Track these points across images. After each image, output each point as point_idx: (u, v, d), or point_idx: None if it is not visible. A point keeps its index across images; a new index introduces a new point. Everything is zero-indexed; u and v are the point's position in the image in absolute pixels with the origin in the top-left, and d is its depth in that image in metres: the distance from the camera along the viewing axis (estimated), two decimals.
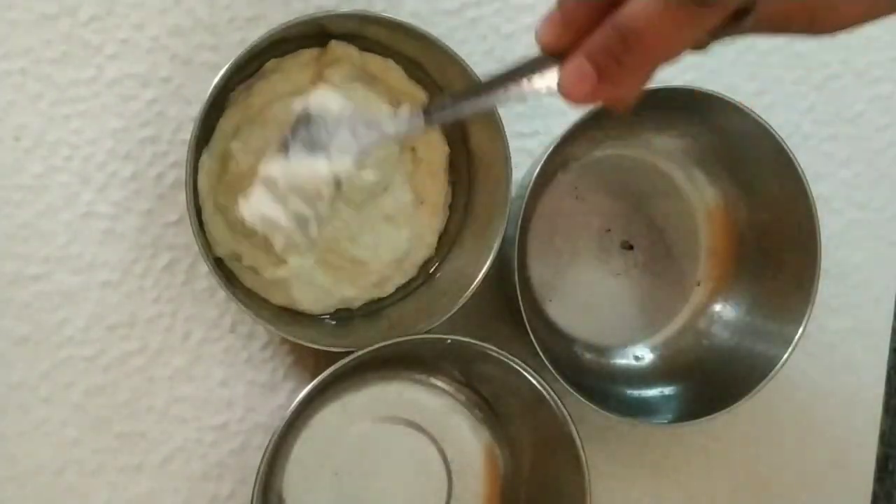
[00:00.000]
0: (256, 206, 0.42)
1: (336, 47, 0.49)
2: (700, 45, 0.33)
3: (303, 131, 0.41)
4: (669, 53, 0.30)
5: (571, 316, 0.56)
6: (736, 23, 0.32)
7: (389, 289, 0.52)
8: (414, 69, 0.51)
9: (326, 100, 0.42)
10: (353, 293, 0.51)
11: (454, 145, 0.52)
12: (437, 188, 0.52)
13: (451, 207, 0.53)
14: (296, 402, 0.46)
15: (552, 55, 0.33)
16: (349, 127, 0.41)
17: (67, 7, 0.50)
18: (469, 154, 0.52)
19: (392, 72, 0.51)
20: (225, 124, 0.48)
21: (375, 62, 0.51)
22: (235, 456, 0.52)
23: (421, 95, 0.51)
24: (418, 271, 0.53)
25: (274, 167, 0.41)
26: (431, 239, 0.53)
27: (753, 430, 0.59)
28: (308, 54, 0.49)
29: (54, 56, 0.50)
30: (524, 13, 0.55)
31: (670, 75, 0.57)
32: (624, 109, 0.33)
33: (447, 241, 0.53)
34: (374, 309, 0.52)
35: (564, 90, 0.32)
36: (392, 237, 0.51)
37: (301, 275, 0.49)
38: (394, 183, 0.51)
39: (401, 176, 0.51)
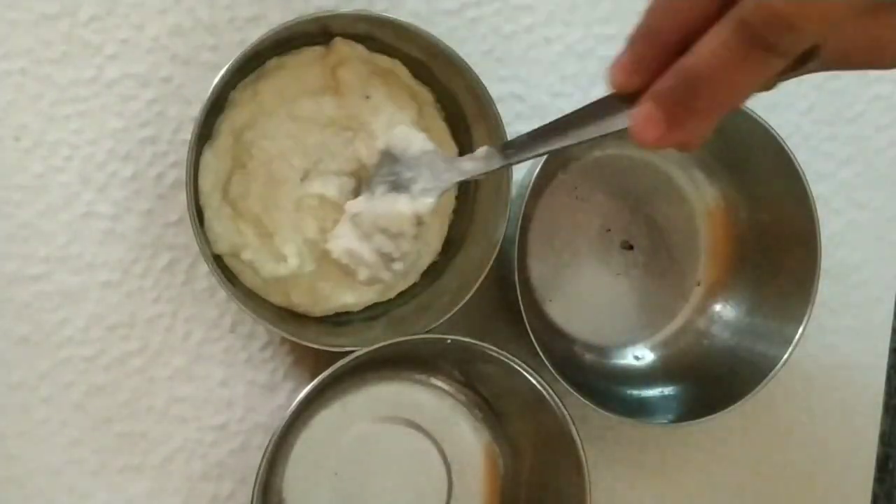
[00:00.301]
0: (343, 242, 0.44)
1: (342, 45, 0.49)
2: (767, 86, 0.32)
3: (386, 169, 0.44)
4: (738, 98, 0.30)
5: (571, 316, 0.56)
6: (802, 64, 0.31)
7: (391, 295, 0.52)
8: (418, 68, 0.51)
9: (408, 139, 0.43)
10: (354, 299, 0.51)
11: (459, 147, 0.52)
12: (448, 192, 0.52)
13: (455, 211, 0.53)
14: (296, 402, 0.46)
15: (624, 96, 0.33)
16: (429, 166, 0.42)
17: (67, 7, 0.50)
18: None
19: (399, 71, 0.51)
20: (233, 121, 0.48)
21: (383, 62, 0.51)
22: (235, 456, 0.52)
23: (427, 95, 0.51)
24: (420, 275, 0.53)
25: (359, 205, 0.44)
26: (437, 245, 0.52)
27: (753, 430, 0.59)
28: (311, 52, 0.50)
29: (54, 56, 0.50)
30: (524, 13, 0.55)
31: None
32: (693, 149, 0.33)
33: (449, 244, 0.53)
34: (374, 311, 0.52)
35: (635, 135, 0.32)
36: None
37: (301, 281, 0.49)
38: None
39: None
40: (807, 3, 0.26)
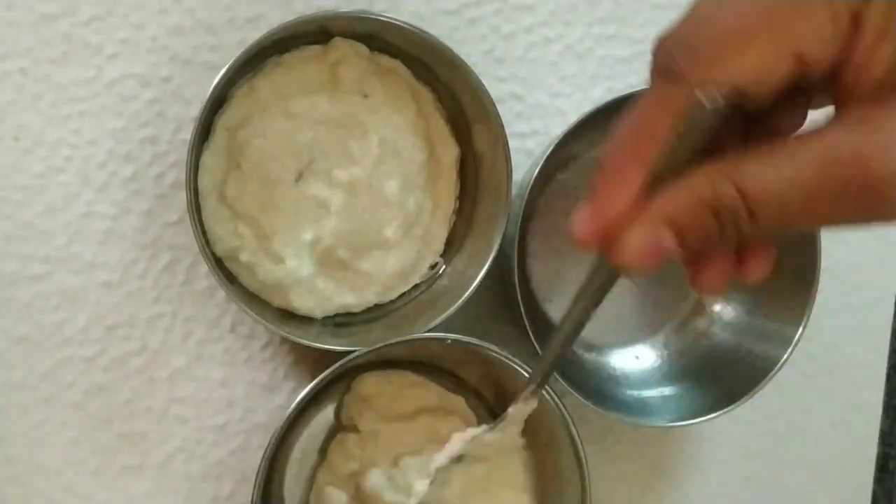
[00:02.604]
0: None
1: (342, 43, 0.49)
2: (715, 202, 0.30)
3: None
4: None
5: None
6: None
7: (392, 296, 0.52)
8: (418, 68, 0.51)
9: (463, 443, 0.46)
10: (354, 300, 0.51)
11: (460, 146, 0.52)
12: (449, 193, 0.52)
13: (455, 211, 0.53)
14: (296, 402, 0.45)
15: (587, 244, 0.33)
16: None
17: (67, 7, 0.50)
18: (473, 155, 0.52)
19: (400, 70, 0.51)
20: (228, 119, 0.49)
21: (384, 61, 0.51)
22: (235, 456, 0.52)
23: (428, 95, 0.51)
24: (420, 276, 0.53)
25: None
26: (439, 246, 0.52)
27: (753, 430, 0.59)
28: (310, 50, 0.50)
29: (54, 56, 0.50)
30: (524, 13, 0.55)
31: None
32: (623, 262, 0.32)
33: (449, 244, 0.53)
34: (374, 311, 0.52)
35: (572, 238, 0.32)
36: (402, 249, 0.51)
37: (301, 281, 0.49)
38: (416, 192, 0.51)
39: (423, 182, 0.51)
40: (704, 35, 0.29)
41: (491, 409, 0.54)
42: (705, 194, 0.29)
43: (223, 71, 0.45)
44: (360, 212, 0.50)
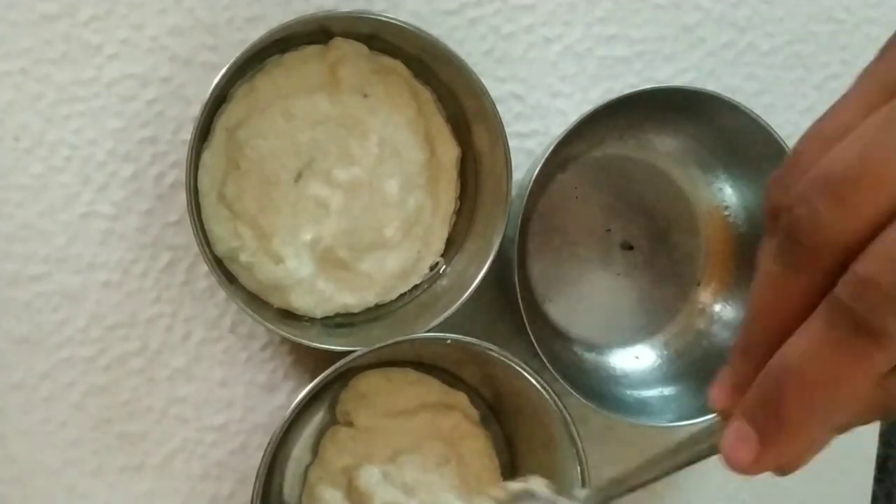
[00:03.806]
0: None
1: (342, 43, 0.49)
2: (888, 408, 0.26)
3: None
4: (837, 403, 0.24)
5: (571, 316, 0.56)
6: None
7: (392, 296, 0.52)
8: (419, 68, 0.51)
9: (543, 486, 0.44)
10: (354, 301, 0.51)
11: (460, 146, 0.52)
12: (449, 193, 0.52)
13: (455, 211, 0.53)
14: (296, 402, 0.45)
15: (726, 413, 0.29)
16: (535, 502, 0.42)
17: (67, 7, 0.50)
18: (473, 155, 0.52)
19: (400, 70, 0.51)
20: (226, 119, 0.49)
21: (384, 61, 0.51)
22: (235, 456, 0.52)
23: (428, 95, 0.51)
24: (420, 276, 0.53)
25: None
26: (439, 246, 0.52)
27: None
28: (310, 50, 0.50)
29: (54, 56, 0.50)
30: (524, 13, 0.55)
31: (670, 75, 0.57)
32: (792, 471, 0.29)
33: (449, 244, 0.53)
34: (374, 311, 0.52)
35: (726, 459, 0.27)
36: (403, 249, 0.51)
37: (301, 282, 0.49)
38: (416, 192, 0.51)
39: (423, 182, 0.51)
40: None
41: (490, 408, 0.54)
42: (879, 404, 0.26)
43: (223, 71, 0.45)
44: (360, 212, 0.50)
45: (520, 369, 0.48)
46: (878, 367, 0.23)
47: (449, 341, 0.47)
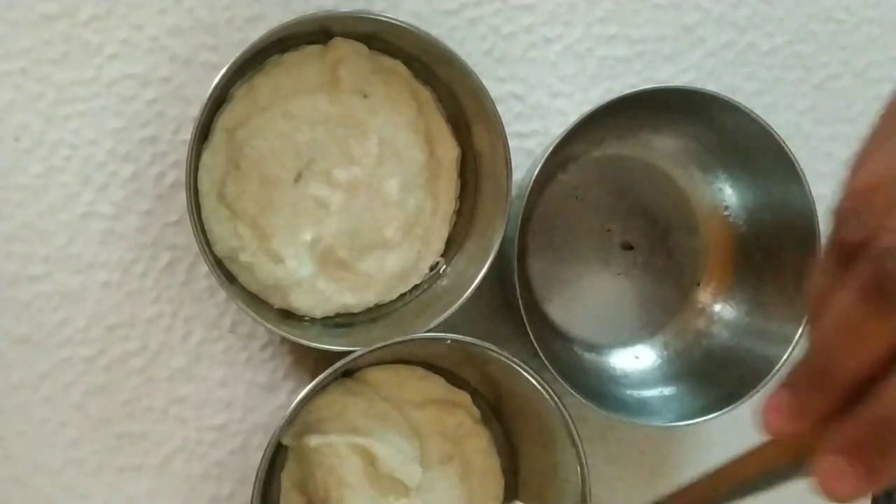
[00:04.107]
0: None
1: (342, 43, 0.49)
2: None
3: None
4: None
5: (571, 316, 0.56)
6: None
7: (392, 296, 0.52)
8: (419, 68, 0.51)
9: None
10: (355, 300, 0.51)
11: (460, 146, 0.52)
12: (449, 193, 0.52)
13: (455, 211, 0.53)
14: (296, 402, 0.45)
15: (780, 439, 0.30)
16: None
17: (67, 7, 0.50)
18: (473, 155, 0.52)
19: (400, 70, 0.51)
20: (226, 119, 0.49)
21: (384, 61, 0.51)
22: (235, 456, 0.52)
23: (428, 95, 0.51)
24: (420, 276, 0.53)
25: None
26: (439, 246, 0.52)
27: (753, 430, 0.59)
28: (310, 50, 0.50)
29: (54, 56, 0.50)
30: (524, 13, 0.55)
31: (670, 75, 0.57)
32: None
33: (449, 244, 0.53)
34: (374, 312, 0.52)
35: (825, 490, 0.28)
36: (403, 249, 0.51)
37: (301, 282, 0.49)
38: (416, 192, 0.51)
39: (423, 182, 0.51)
40: None
41: (490, 408, 0.54)
42: None
43: (223, 71, 0.45)
44: (360, 212, 0.50)
45: (520, 369, 0.48)
46: None
47: (449, 341, 0.47)
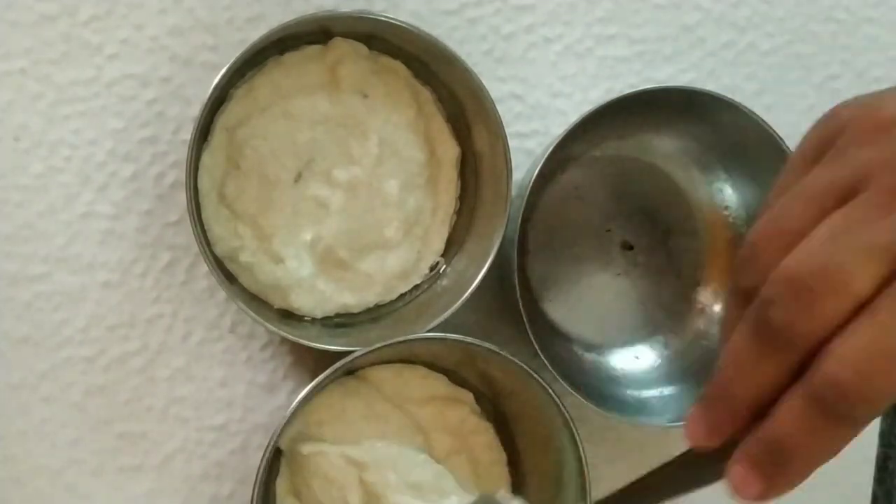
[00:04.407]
0: None
1: (342, 43, 0.49)
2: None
3: None
4: (826, 457, 0.29)
5: (571, 316, 0.56)
6: None
7: (392, 296, 0.52)
8: (419, 68, 0.51)
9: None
10: (355, 301, 0.51)
11: (460, 146, 0.52)
12: (449, 193, 0.52)
13: (455, 211, 0.53)
14: (296, 402, 0.45)
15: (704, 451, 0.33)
16: None
17: (67, 7, 0.50)
18: (473, 155, 0.52)
19: (400, 70, 0.51)
20: (226, 119, 0.49)
21: (384, 61, 0.51)
22: (235, 456, 0.52)
23: (428, 95, 0.51)
24: (421, 276, 0.53)
25: None
26: (439, 246, 0.52)
27: None
28: (310, 50, 0.50)
29: (54, 56, 0.50)
30: (524, 13, 0.55)
31: (670, 75, 0.57)
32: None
33: (449, 244, 0.53)
34: (374, 311, 0.52)
35: (736, 494, 0.31)
36: (403, 249, 0.51)
37: (302, 281, 0.49)
38: (416, 192, 0.51)
39: (423, 182, 0.51)
40: (874, 375, 0.26)
41: (490, 408, 0.54)
42: None
43: (223, 71, 0.45)
44: (360, 212, 0.50)
45: (520, 369, 0.48)
46: (850, 437, 0.28)
47: (449, 341, 0.47)
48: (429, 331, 0.48)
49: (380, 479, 0.48)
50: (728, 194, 0.56)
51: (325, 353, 0.47)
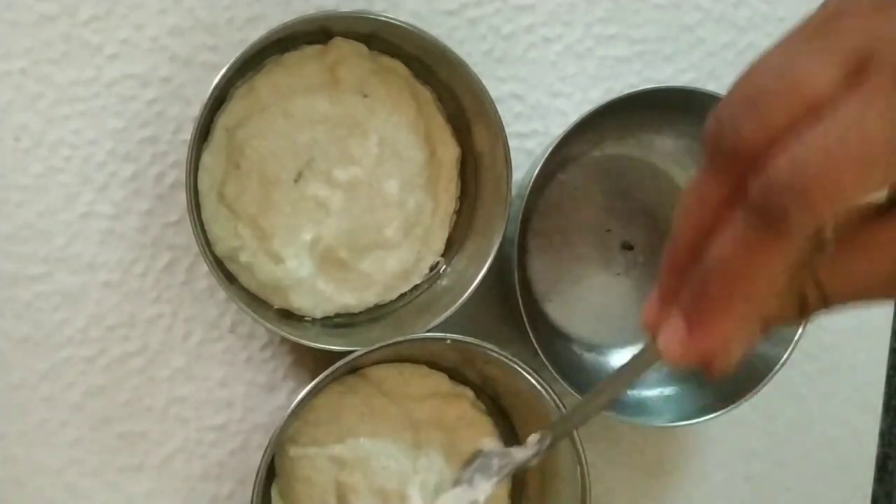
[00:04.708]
0: None
1: (342, 43, 0.49)
2: (803, 304, 0.29)
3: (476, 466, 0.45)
4: (753, 291, 0.27)
5: (571, 316, 0.56)
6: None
7: (392, 296, 0.52)
8: (419, 68, 0.51)
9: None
10: (354, 301, 0.51)
11: (460, 146, 0.52)
12: (449, 193, 0.52)
13: (456, 211, 0.53)
14: (296, 402, 0.45)
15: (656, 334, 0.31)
16: (488, 457, 0.44)
17: (67, 7, 0.50)
18: (473, 155, 0.52)
19: (400, 70, 0.51)
20: (226, 119, 0.49)
21: (383, 61, 0.51)
22: (235, 456, 0.52)
23: (428, 95, 0.51)
24: (421, 276, 0.53)
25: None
26: (439, 246, 0.52)
27: (753, 430, 0.59)
28: (310, 50, 0.50)
29: (54, 56, 0.50)
30: (524, 13, 0.55)
31: (670, 75, 0.57)
32: (723, 371, 0.30)
33: (449, 244, 0.53)
34: (374, 311, 0.52)
35: (662, 351, 0.30)
36: (403, 249, 0.51)
37: (302, 281, 0.49)
38: (416, 192, 0.51)
39: (423, 182, 0.51)
40: (813, 173, 0.24)
41: (490, 408, 0.54)
42: (793, 301, 0.29)
43: (223, 71, 0.45)
44: (360, 212, 0.50)
45: (520, 369, 0.48)
46: (786, 258, 0.26)
47: (449, 341, 0.47)
48: (429, 331, 0.48)
49: (349, 480, 0.48)
50: None
51: (325, 353, 0.47)
